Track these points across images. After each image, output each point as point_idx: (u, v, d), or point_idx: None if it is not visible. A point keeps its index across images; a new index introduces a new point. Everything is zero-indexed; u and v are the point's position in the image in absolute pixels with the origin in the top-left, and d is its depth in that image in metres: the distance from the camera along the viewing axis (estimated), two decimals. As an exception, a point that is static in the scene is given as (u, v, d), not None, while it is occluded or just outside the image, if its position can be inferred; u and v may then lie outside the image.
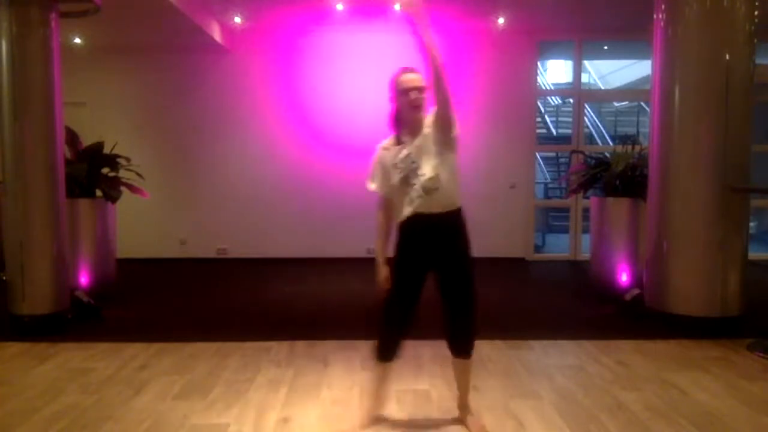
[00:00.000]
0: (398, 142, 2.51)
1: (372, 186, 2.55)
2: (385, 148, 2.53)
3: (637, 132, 9.85)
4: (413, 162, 2.42)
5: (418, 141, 2.46)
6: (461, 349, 2.57)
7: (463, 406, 2.68)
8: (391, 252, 2.55)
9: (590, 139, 10.55)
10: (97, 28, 6.04)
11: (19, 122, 4.02)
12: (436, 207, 2.42)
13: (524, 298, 5.43)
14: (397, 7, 2.37)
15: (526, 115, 7.35)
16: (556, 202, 9.91)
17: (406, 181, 2.43)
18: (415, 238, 2.46)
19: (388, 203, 2.56)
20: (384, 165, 2.51)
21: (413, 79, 2.44)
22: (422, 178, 2.40)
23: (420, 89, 2.42)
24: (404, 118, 2.49)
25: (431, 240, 2.45)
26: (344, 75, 7.12)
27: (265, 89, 7.16)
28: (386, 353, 2.57)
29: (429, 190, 2.40)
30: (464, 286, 2.50)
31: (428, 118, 2.48)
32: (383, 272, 2.51)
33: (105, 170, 5.28)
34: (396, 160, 2.46)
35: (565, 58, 11.50)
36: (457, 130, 2.45)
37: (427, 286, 2.53)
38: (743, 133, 4.03)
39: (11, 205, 4.10)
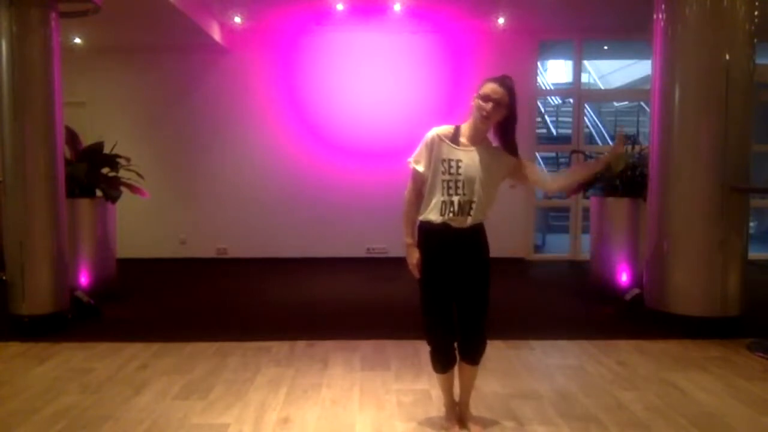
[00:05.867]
0: (455, 139, 2.44)
1: (419, 167, 2.46)
2: (441, 137, 2.44)
3: (637, 132, 9.84)
4: (460, 174, 2.39)
5: (474, 155, 2.42)
6: (472, 356, 2.55)
7: (464, 407, 2.68)
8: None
9: (590, 139, 10.54)
10: (97, 28, 6.05)
11: (19, 122, 4.02)
12: (463, 223, 2.42)
13: (524, 298, 5.44)
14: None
15: (526, 115, 7.33)
16: (556, 202, 9.90)
17: (446, 185, 2.40)
18: (439, 245, 2.46)
19: (422, 186, 2.51)
20: (434, 152, 2.44)
21: (495, 90, 2.36)
22: (461, 197, 2.40)
23: (496, 102, 2.36)
24: (470, 124, 2.44)
25: (454, 249, 2.45)
26: (344, 75, 7.12)
27: (265, 89, 7.16)
28: (444, 362, 2.55)
29: (463, 209, 2.40)
30: (480, 296, 2.50)
31: (506, 156, 2.48)
32: (415, 255, 2.50)
33: (105, 170, 5.28)
34: (445, 156, 2.41)
35: (565, 58, 11.50)
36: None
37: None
38: (743, 133, 4.02)
39: (11, 205, 4.10)
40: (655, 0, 4.24)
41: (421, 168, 2.47)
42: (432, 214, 2.44)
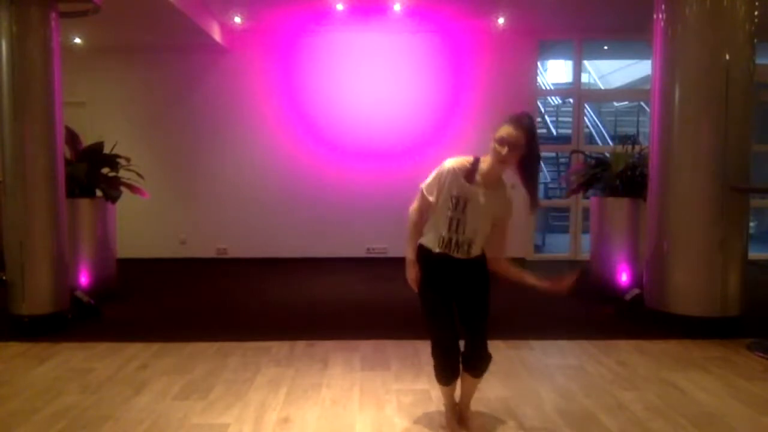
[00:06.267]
0: (470, 176, 2.39)
1: (430, 197, 2.45)
2: (456, 172, 2.40)
3: (637, 132, 9.85)
4: (465, 214, 2.38)
5: (484, 197, 2.40)
6: (476, 369, 2.56)
7: (464, 407, 2.68)
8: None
9: (590, 139, 10.54)
10: (97, 28, 6.05)
11: (19, 122, 4.02)
12: (461, 255, 2.44)
13: (524, 298, 5.40)
14: None
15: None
16: (556, 202, 9.91)
17: (450, 222, 2.40)
18: (438, 268, 2.47)
19: (427, 209, 2.51)
20: (445, 185, 2.41)
21: (510, 133, 2.29)
22: (461, 236, 2.41)
23: (512, 146, 2.29)
24: (489, 160, 2.39)
25: (453, 273, 2.46)
26: (344, 75, 7.12)
27: (265, 89, 7.16)
28: (448, 373, 2.55)
29: (462, 247, 2.42)
30: (480, 314, 2.51)
31: (506, 208, 2.47)
32: (414, 271, 2.51)
33: (105, 170, 5.28)
34: (455, 193, 2.39)
35: (565, 58, 11.49)
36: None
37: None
38: (743, 133, 4.02)
39: (11, 205, 4.10)
40: (655, 0, 4.25)
41: (431, 198, 2.45)
42: (432, 243, 2.46)
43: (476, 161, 2.43)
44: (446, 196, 2.40)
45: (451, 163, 2.44)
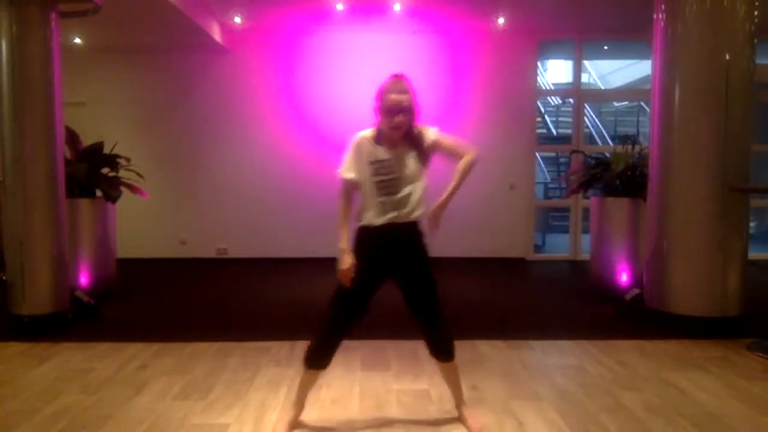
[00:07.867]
0: (379, 140, 2.45)
1: (348, 175, 2.46)
2: (367, 140, 2.46)
3: (637, 132, 9.85)
4: (392, 172, 2.41)
5: (400, 152, 2.44)
6: (443, 352, 2.59)
7: (461, 405, 2.69)
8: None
9: (590, 139, 10.54)
10: (97, 28, 6.05)
11: (19, 122, 4.02)
12: (404, 219, 2.45)
13: (524, 298, 5.43)
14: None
15: (526, 115, 7.35)
16: (556, 202, 9.91)
17: (381, 186, 2.42)
18: (381, 244, 2.46)
19: (353, 192, 2.51)
20: (361, 156, 2.46)
21: (399, 100, 2.38)
22: (399, 196, 2.42)
23: (405, 111, 2.38)
24: (383, 131, 2.44)
25: (397, 247, 2.47)
26: (344, 75, 7.12)
27: (265, 89, 7.17)
28: (324, 359, 2.60)
29: (402, 204, 2.43)
30: (432, 292, 2.53)
31: (425, 137, 2.48)
32: (349, 260, 2.47)
33: (105, 170, 5.28)
34: (373, 158, 2.43)
35: (565, 58, 11.50)
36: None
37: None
38: (743, 133, 4.02)
39: (11, 205, 4.10)
40: (655, 0, 4.25)
41: (350, 175, 2.47)
42: (372, 217, 2.45)
43: (378, 129, 2.46)
44: (365, 165, 2.44)
45: (359, 134, 2.49)
